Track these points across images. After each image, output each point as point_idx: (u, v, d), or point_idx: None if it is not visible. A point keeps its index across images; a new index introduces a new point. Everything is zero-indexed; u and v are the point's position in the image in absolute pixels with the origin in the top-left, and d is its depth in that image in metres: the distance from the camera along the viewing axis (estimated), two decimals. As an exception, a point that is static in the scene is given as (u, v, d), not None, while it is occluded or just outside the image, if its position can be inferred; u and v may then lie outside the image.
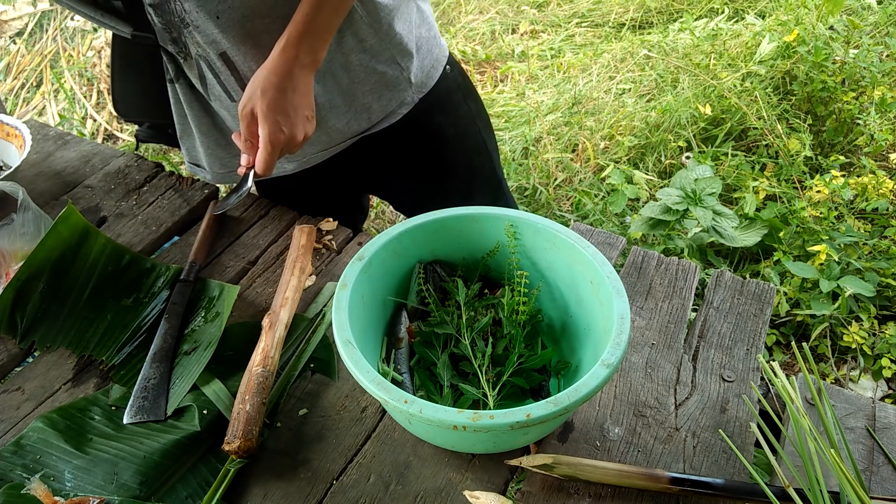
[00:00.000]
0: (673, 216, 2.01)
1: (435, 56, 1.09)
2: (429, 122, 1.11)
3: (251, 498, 0.76)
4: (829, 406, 0.77)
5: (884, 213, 2.18)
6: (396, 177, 1.22)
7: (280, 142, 0.87)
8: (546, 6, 3.77)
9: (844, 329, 1.87)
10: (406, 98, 1.06)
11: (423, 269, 0.91)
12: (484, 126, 1.21)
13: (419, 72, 1.06)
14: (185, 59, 0.93)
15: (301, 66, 0.86)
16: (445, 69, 1.11)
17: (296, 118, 0.87)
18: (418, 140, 1.14)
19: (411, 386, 0.83)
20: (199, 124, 1.07)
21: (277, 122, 0.86)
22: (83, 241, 1.00)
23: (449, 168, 1.19)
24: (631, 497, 0.75)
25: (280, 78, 0.85)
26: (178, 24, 0.87)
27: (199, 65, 0.93)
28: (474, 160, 1.21)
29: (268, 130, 0.85)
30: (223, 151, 1.10)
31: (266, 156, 0.87)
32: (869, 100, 2.53)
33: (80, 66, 3.36)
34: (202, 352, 0.90)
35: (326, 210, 1.17)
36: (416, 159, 1.17)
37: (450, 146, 1.16)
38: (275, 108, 0.85)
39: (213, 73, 0.94)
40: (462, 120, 1.16)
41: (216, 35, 0.88)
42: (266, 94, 0.85)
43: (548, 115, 2.76)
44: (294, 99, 0.86)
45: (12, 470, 0.77)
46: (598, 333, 0.80)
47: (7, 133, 1.28)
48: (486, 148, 1.22)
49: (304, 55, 0.85)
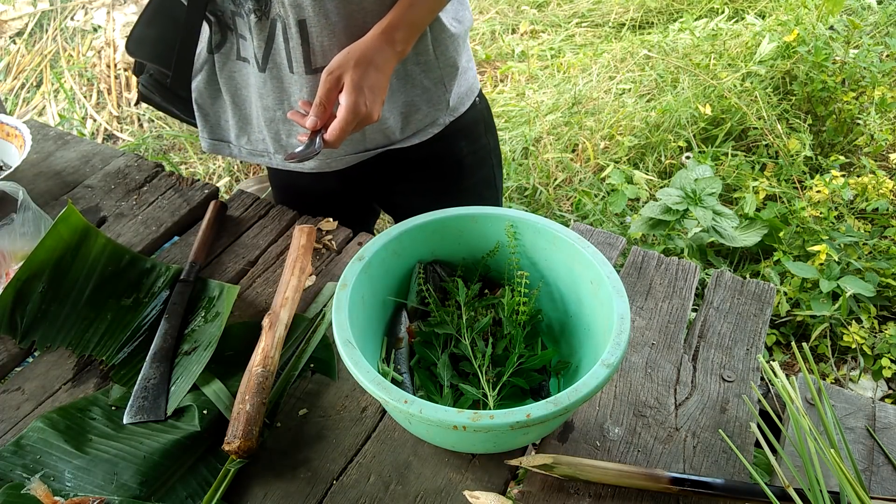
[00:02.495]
0: (673, 216, 2.01)
1: (469, 84, 1.13)
2: (452, 145, 1.15)
3: (251, 498, 0.76)
4: (829, 406, 0.77)
5: (884, 213, 2.18)
6: (406, 194, 1.23)
7: (361, 114, 0.88)
8: (546, 6, 3.77)
9: (844, 329, 1.87)
10: (439, 118, 1.09)
11: (423, 269, 0.91)
12: (497, 163, 1.25)
13: (455, 97, 1.10)
14: (261, 18, 0.93)
15: (394, 51, 0.89)
16: (475, 100, 1.15)
17: (377, 97, 0.89)
18: (438, 163, 1.17)
19: (411, 386, 0.83)
20: (235, 95, 1.06)
21: (364, 94, 0.87)
22: (83, 241, 1.00)
23: (460, 194, 1.21)
24: (631, 497, 0.75)
25: (375, 55, 0.88)
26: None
27: (275, 26, 0.93)
28: (484, 192, 1.25)
29: (353, 100, 0.87)
30: (252, 127, 1.09)
31: (344, 124, 0.87)
32: (869, 100, 2.53)
33: (80, 66, 3.36)
34: (202, 352, 0.90)
35: (339, 212, 1.18)
36: (432, 179, 1.19)
37: (466, 173, 1.20)
38: (364, 82, 0.87)
39: (284, 38, 0.94)
40: (480, 151, 1.20)
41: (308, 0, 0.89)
42: (360, 66, 0.87)
43: (548, 115, 2.76)
44: (380, 79, 0.89)
45: (12, 470, 0.77)
46: (598, 333, 0.80)
47: (7, 133, 1.28)
48: (494, 183, 1.26)
49: (399, 42, 0.89)
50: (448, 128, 1.11)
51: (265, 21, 0.93)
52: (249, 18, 0.93)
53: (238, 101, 1.07)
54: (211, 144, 1.15)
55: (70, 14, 3.68)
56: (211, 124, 1.12)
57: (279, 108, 1.02)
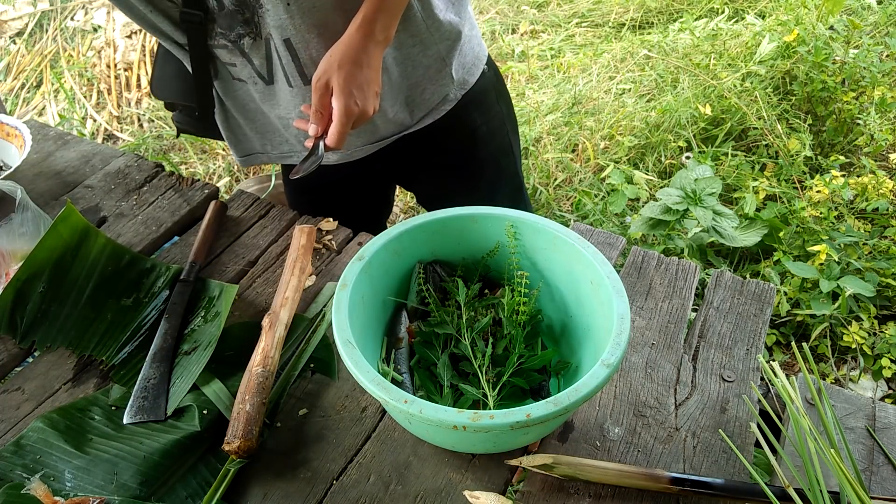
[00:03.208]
0: (673, 216, 2.01)
1: (476, 54, 1.12)
2: (465, 118, 1.14)
3: (251, 498, 0.76)
4: (829, 406, 0.77)
5: (884, 213, 2.18)
6: (427, 169, 1.24)
7: (354, 114, 0.89)
8: (546, 6, 3.77)
9: (844, 329, 1.87)
10: (449, 94, 1.09)
11: (423, 269, 0.91)
12: (512, 129, 1.25)
13: (461, 69, 1.09)
14: (255, 39, 0.94)
15: (375, 42, 0.89)
16: (484, 69, 1.14)
17: (368, 93, 0.90)
18: (453, 135, 1.16)
19: (411, 386, 0.83)
20: (244, 112, 1.09)
21: (353, 95, 0.88)
22: (83, 241, 1.00)
23: (478, 165, 1.22)
24: (631, 497, 0.75)
25: (356, 53, 0.88)
26: (252, 4, 0.89)
27: (269, 45, 0.95)
28: (501, 160, 1.24)
29: (343, 103, 0.88)
30: (272, 135, 1.12)
31: (340, 127, 0.89)
32: (869, 100, 2.53)
33: (80, 67, 3.36)
34: (202, 352, 0.90)
35: (356, 202, 1.20)
36: (449, 154, 1.20)
37: (480, 144, 1.19)
38: (351, 82, 0.88)
39: (277, 56, 0.96)
40: (494, 120, 1.19)
41: (284, 21, 0.90)
42: (343, 68, 0.87)
43: (548, 115, 2.76)
44: (368, 74, 0.89)
45: (12, 470, 0.77)
46: (598, 333, 0.80)
47: (7, 133, 1.28)
48: (511, 150, 1.26)
49: (379, 32, 0.89)
50: (459, 101, 1.11)
51: (260, 41, 0.94)
52: (244, 42, 0.95)
53: (250, 117, 1.10)
54: (243, 160, 1.19)
55: (70, 14, 3.67)
56: (236, 143, 1.15)
57: (290, 115, 1.05)
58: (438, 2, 1.01)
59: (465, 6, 1.08)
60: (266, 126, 1.11)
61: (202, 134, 1.21)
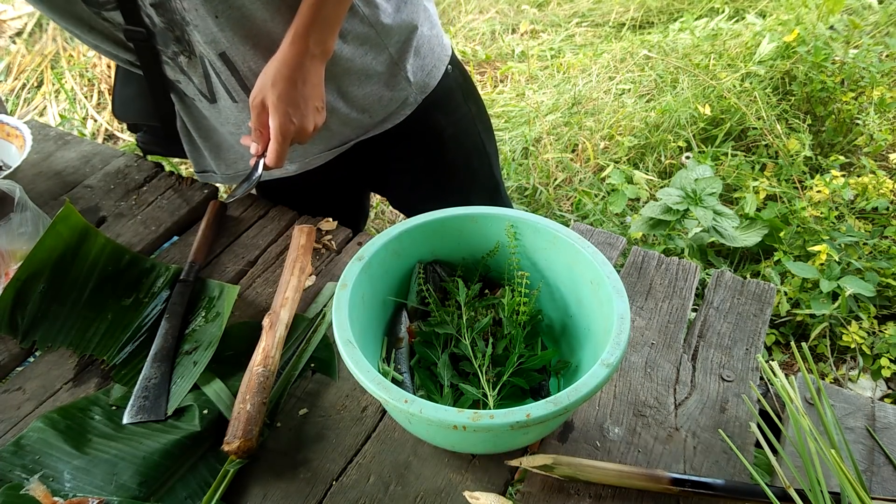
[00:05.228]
0: (673, 216, 2.01)
1: (437, 55, 1.09)
2: (427, 120, 1.11)
3: (251, 498, 0.76)
4: (829, 406, 0.77)
5: (884, 213, 2.18)
6: (396, 173, 1.22)
7: (290, 132, 0.88)
8: (546, 6, 3.77)
9: (844, 329, 1.87)
10: (409, 98, 1.06)
11: (423, 269, 0.91)
12: (484, 128, 1.21)
13: (420, 71, 1.06)
14: (190, 57, 0.93)
15: (311, 56, 0.86)
16: (447, 69, 1.11)
17: (306, 109, 0.88)
18: (417, 139, 1.14)
19: (411, 386, 0.83)
20: (198, 128, 1.08)
21: (288, 113, 0.86)
22: (83, 240, 1.00)
23: (447, 168, 1.19)
24: (631, 497, 0.75)
25: (291, 69, 0.85)
26: (180, 22, 0.88)
27: (204, 63, 0.93)
28: (473, 161, 1.21)
29: (279, 121, 0.86)
30: (226, 152, 1.10)
31: (277, 147, 0.88)
32: (868, 100, 2.53)
33: (81, 67, 3.36)
34: (203, 352, 0.90)
35: (329, 210, 1.18)
36: (415, 158, 1.17)
37: (448, 146, 1.16)
38: (285, 100, 0.86)
39: (214, 73, 0.94)
40: (462, 120, 1.16)
41: (216, 34, 0.88)
42: (277, 86, 0.85)
43: (548, 115, 2.76)
44: (304, 90, 0.87)
45: (12, 470, 0.77)
46: (598, 333, 0.79)
47: (7, 133, 1.28)
48: (485, 150, 1.22)
49: (314, 46, 0.86)
50: (420, 104, 1.08)
51: (195, 59, 0.93)
52: (181, 60, 0.94)
53: (203, 134, 1.09)
54: (200, 176, 1.19)
55: (70, 14, 3.67)
56: (195, 158, 1.15)
57: (240, 132, 1.03)
58: (386, 5, 0.98)
59: (420, 5, 1.04)
60: (219, 143, 1.10)
61: (169, 153, 1.20)
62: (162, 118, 1.07)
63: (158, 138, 1.16)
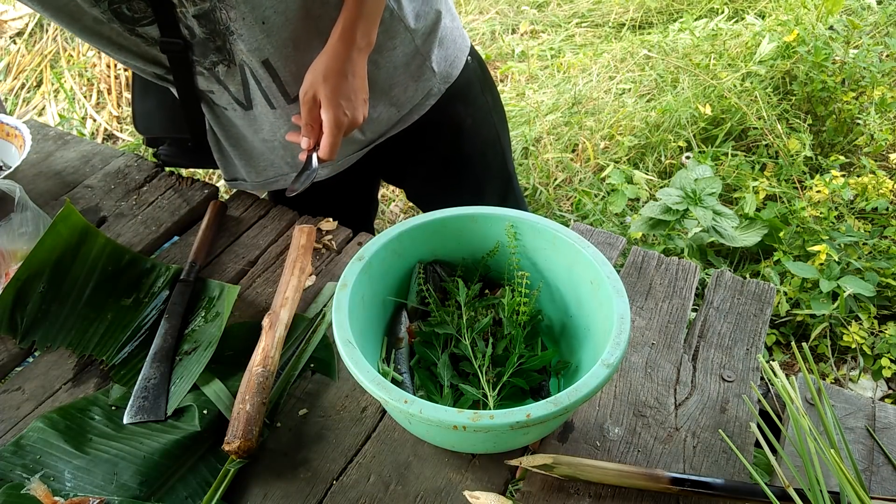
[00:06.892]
0: (673, 216, 2.01)
1: (459, 46, 1.11)
2: (448, 111, 1.13)
3: (251, 498, 0.76)
4: (829, 406, 0.77)
5: (884, 213, 2.18)
6: (413, 165, 1.24)
7: (344, 125, 0.89)
8: (546, 6, 3.77)
9: (844, 329, 1.87)
10: (433, 89, 1.08)
11: (423, 269, 0.91)
12: (499, 120, 1.23)
13: (444, 62, 1.08)
14: (229, 66, 0.94)
15: (358, 50, 0.88)
16: (467, 60, 1.13)
17: (356, 101, 0.90)
18: (437, 130, 1.16)
19: (411, 386, 0.83)
20: (227, 137, 1.08)
21: (341, 106, 0.88)
22: (83, 240, 1.00)
23: (464, 159, 1.21)
24: (631, 497, 0.75)
25: (341, 63, 0.87)
26: (223, 32, 0.88)
27: (244, 71, 0.94)
28: (488, 153, 1.23)
29: (332, 114, 0.88)
30: (256, 160, 1.11)
31: (332, 139, 0.89)
32: (869, 100, 2.53)
33: (80, 66, 3.36)
34: (202, 352, 0.90)
35: (344, 201, 1.19)
36: (434, 149, 1.19)
37: (466, 137, 1.18)
38: (338, 93, 0.87)
39: (255, 80, 0.95)
40: (479, 111, 1.18)
41: (261, 41, 0.89)
42: (329, 80, 0.87)
43: (548, 115, 2.76)
44: (354, 83, 0.89)
45: (12, 470, 0.77)
46: (597, 334, 0.80)
47: (7, 133, 1.28)
48: (499, 142, 1.24)
49: (360, 39, 0.88)
50: (443, 94, 1.10)
51: (234, 67, 0.94)
52: (219, 69, 0.94)
53: (233, 142, 1.09)
54: (230, 184, 1.19)
55: (70, 14, 3.67)
56: (225, 166, 1.15)
57: (275, 139, 1.04)
58: None
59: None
60: (250, 151, 1.10)
61: (192, 164, 1.20)
62: (192, 129, 1.08)
63: (183, 150, 1.17)
